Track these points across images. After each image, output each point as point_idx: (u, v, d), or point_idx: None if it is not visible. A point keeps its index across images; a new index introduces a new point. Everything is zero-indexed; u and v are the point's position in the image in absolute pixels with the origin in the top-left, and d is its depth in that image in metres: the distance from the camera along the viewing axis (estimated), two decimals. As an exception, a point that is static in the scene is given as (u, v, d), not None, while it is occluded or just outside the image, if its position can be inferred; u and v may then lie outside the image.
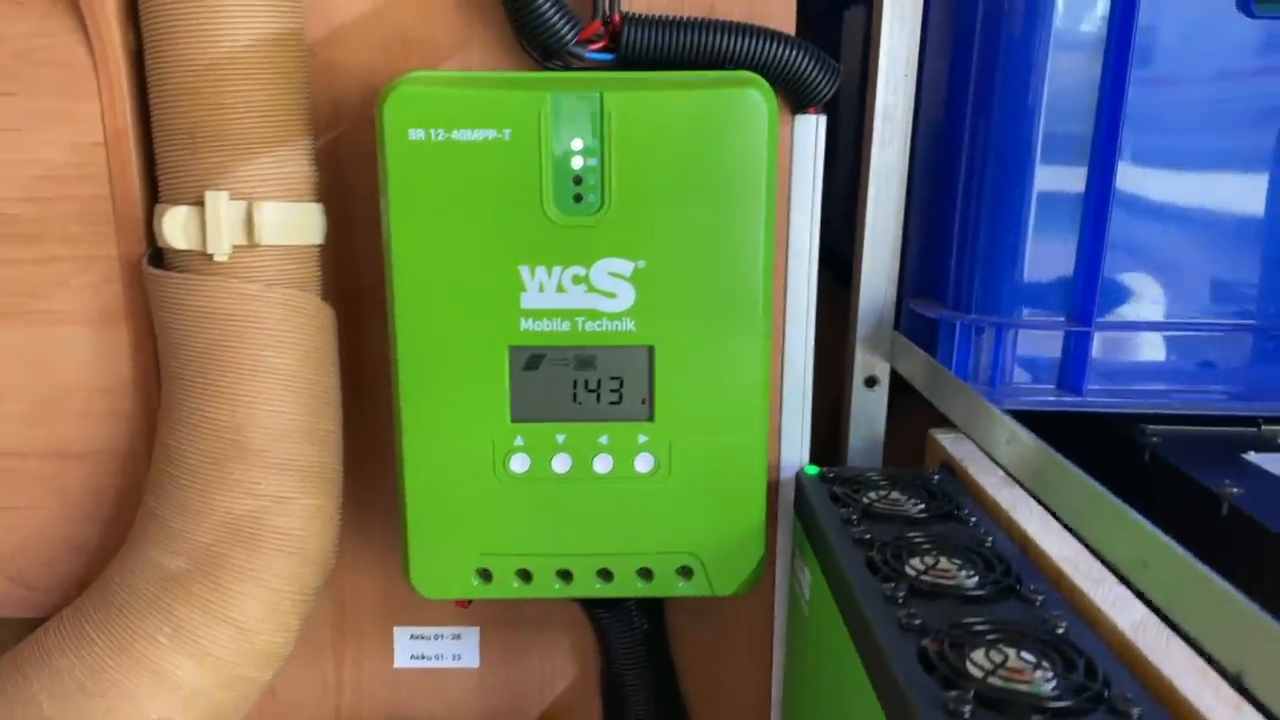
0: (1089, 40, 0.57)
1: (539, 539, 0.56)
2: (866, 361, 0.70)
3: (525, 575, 0.57)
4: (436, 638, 0.67)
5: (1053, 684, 0.38)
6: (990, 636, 0.42)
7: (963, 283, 0.64)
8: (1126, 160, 0.57)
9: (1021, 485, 0.56)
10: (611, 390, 0.55)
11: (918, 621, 0.43)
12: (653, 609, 0.65)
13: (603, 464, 0.55)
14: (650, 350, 0.54)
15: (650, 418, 0.55)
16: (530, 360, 0.54)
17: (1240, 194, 0.59)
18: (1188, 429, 0.63)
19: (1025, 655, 0.40)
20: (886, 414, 0.72)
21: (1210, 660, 0.40)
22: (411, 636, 0.67)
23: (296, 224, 0.54)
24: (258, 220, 0.52)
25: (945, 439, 0.67)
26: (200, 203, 0.51)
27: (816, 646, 0.55)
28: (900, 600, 0.45)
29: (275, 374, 0.53)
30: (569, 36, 0.55)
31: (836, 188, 0.82)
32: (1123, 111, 0.57)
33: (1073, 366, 0.62)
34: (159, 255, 0.55)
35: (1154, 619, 0.43)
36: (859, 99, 0.70)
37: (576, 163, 0.51)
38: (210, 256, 0.52)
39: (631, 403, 0.55)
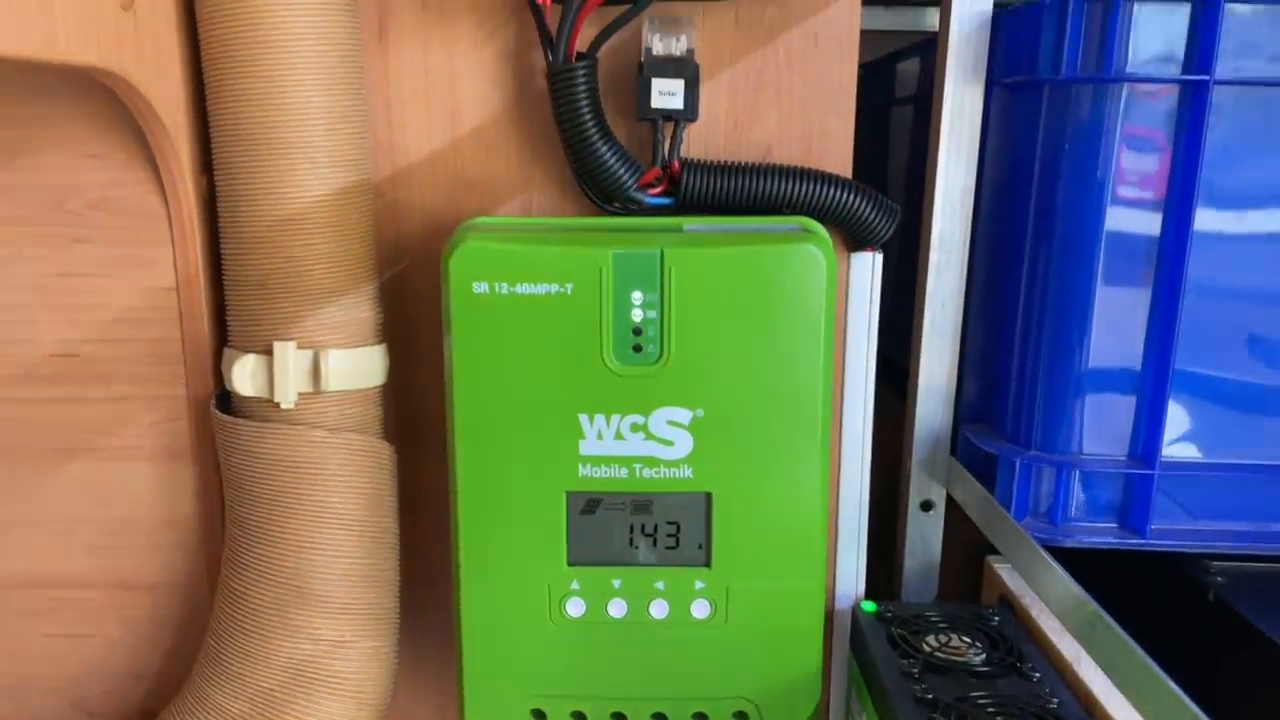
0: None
1: (593, 682, 0.56)
2: (922, 485, 0.70)
3: (579, 718, 0.56)
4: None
5: None
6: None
7: (1022, 415, 0.63)
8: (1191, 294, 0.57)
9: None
10: (669, 535, 0.55)
11: (985, 805, 0.42)
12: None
13: (659, 609, 0.55)
14: (708, 496, 0.54)
15: (707, 563, 0.55)
16: (588, 504, 0.54)
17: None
18: (1253, 565, 0.62)
19: None
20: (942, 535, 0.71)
21: None
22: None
23: (360, 368, 0.55)
24: (324, 368, 0.53)
25: (1003, 570, 0.66)
26: (268, 351, 0.53)
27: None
28: (967, 776, 0.44)
29: (338, 519, 0.53)
30: (629, 181, 0.56)
31: (895, 296, 0.82)
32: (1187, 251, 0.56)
33: (1135, 507, 0.61)
34: (226, 397, 0.56)
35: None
36: (910, 191, 0.70)
37: (636, 315, 0.52)
38: (277, 404, 0.53)
39: (689, 548, 0.55)
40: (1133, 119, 0.56)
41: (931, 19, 0.95)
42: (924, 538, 0.70)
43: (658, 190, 0.58)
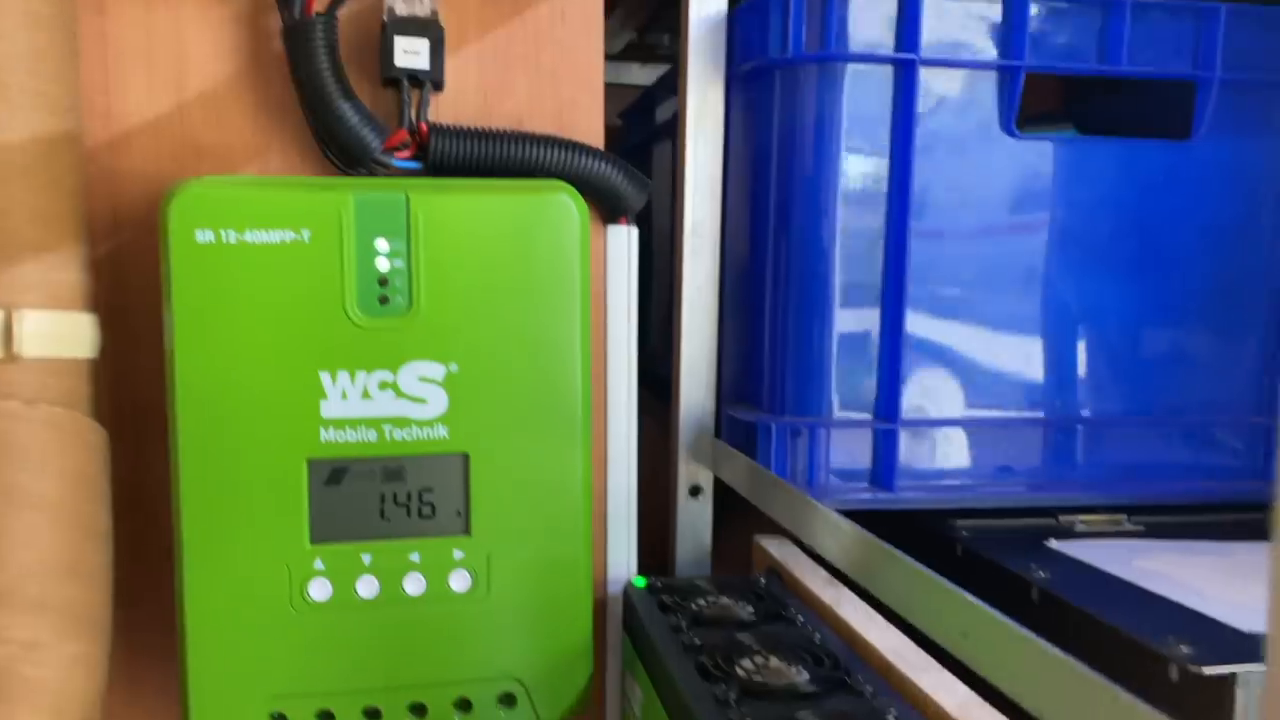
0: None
1: (342, 674, 0.51)
2: (689, 471, 0.70)
3: (326, 717, 0.51)
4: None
5: (887, 771, 0.37)
6: (824, 731, 0.40)
7: (776, 387, 0.65)
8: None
9: (845, 578, 0.56)
10: (425, 503, 0.51)
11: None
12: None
13: (414, 584, 0.51)
14: (465, 458, 0.51)
15: (466, 531, 0.52)
16: (333, 474, 0.50)
17: (1017, 301, 0.63)
18: (994, 522, 0.66)
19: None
20: (714, 524, 0.71)
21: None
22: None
23: (63, 335, 0.49)
24: (18, 330, 0.47)
25: (770, 544, 0.67)
26: (-51, 310, 0.46)
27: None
28: (732, 702, 0.43)
29: (31, 501, 0.46)
30: (374, 143, 0.54)
31: (657, 311, 0.83)
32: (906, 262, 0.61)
33: (884, 465, 0.63)
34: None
35: (976, 698, 0.43)
36: (671, 234, 0.72)
37: (382, 264, 0.49)
38: (-42, 369, 0.46)
39: (446, 516, 0.51)
40: (855, 97, 0.61)
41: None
42: (694, 523, 0.70)
43: (405, 154, 0.56)
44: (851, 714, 0.42)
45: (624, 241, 0.62)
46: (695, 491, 0.70)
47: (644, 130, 0.94)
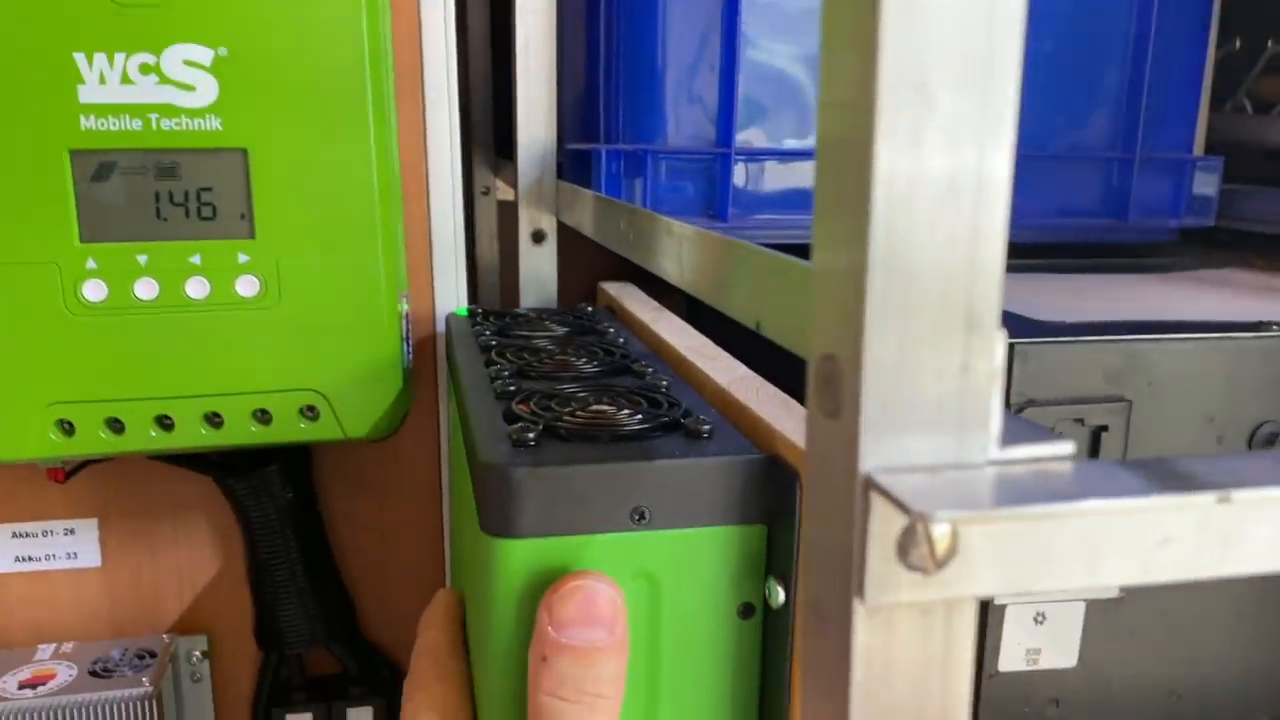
0: None
1: (128, 381, 0.49)
2: (531, 216, 0.68)
3: (116, 425, 0.49)
4: (45, 534, 0.58)
5: (637, 419, 0.36)
6: (583, 395, 0.39)
7: (613, 120, 0.62)
8: None
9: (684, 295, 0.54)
10: (203, 203, 0.48)
11: (512, 388, 0.40)
12: (298, 475, 0.59)
13: (197, 288, 0.49)
14: (244, 154, 0.48)
15: (251, 234, 0.49)
16: (100, 169, 0.47)
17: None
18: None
19: (616, 404, 0.38)
20: (560, 276, 0.69)
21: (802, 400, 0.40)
22: (14, 535, 0.58)
23: None
24: None
25: (611, 287, 0.65)
26: None
27: (457, 479, 0.51)
28: (505, 377, 0.42)
29: None
30: None
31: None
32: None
33: (720, 194, 0.61)
34: None
35: (754, 376, 0.42)
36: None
37: (134, -69, 0.45)
38: None
39: (228, 217, 0.49)
40: None
41: None
42: (538, 269, 0.68)
43: None
44: (621, 387, 0.41)
45: (439, -49, 0.57)
46: (538, 237, 0.68)
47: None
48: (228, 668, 0.62)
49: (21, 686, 0.53)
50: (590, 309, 0.59)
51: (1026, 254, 0.67)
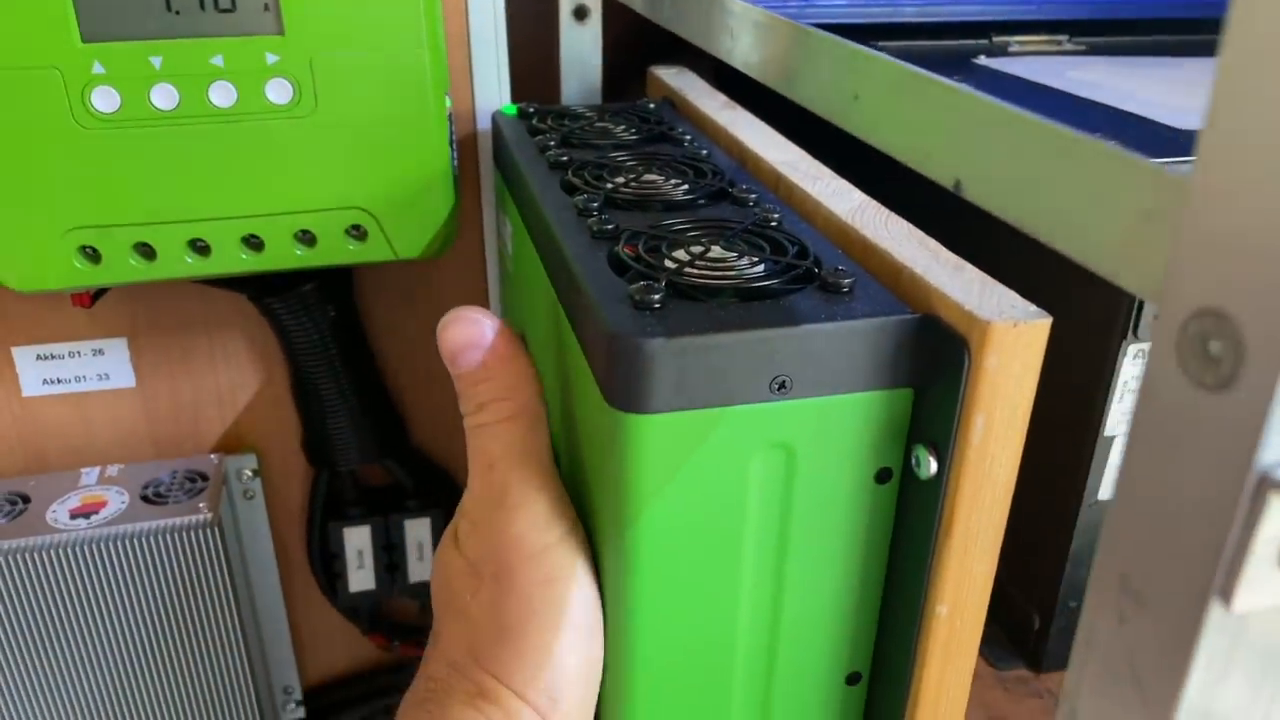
0: None
1: (154, 202, 0.44)
2: (574, -11, 0.59)
3: (146, 250, 0.45)
4: (73, 355, 0.55)
5: (760, 268, 0.32)
6: (692, 234, 0.35)
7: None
8: None
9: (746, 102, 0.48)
10: (220, -9, 0.41)
11: (610, 227, 0.35)
12: (339, 292, 0.55)
13: (221, 95, 0.43)
14: (263, -70, 0.40)
15: (279, 29, 0.42)
16: (93, -49, 0.39)
17: None
18: (918, 43, 0.58)
19: (731, 248, 0.33)
20: (605, 59, 0.62)
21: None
22: (38, 357, 0.54)
23: None
24: None
25: (667, 74, 0.59)
26: None
27: (525, 301, 0.47)
28: (594, 210, 0.37)
29: None
30: None
31: None
32: None
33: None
34: None
35: (873, 203, 0.38)
36: None
37: None
38: None
39: (250, 9, 0.42)
40: None
41: None
42: (581, 52, 0.61)
43: None
44: (728, 219, 0.36)
45: None
46: (581, 14, 0.60)
47: None
48: (279, 485, 0.60)
49: (74, 516, 0.52)
50: (652, 105, 0.53)
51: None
